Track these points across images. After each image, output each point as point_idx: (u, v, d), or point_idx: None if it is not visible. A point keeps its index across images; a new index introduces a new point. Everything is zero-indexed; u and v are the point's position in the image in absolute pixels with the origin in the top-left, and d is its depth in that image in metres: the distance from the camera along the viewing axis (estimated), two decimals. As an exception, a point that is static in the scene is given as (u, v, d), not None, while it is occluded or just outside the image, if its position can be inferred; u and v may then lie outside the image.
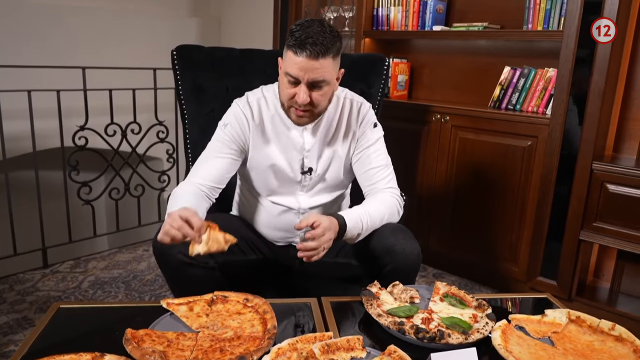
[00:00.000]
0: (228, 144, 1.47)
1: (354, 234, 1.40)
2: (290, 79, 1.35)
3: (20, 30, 2.66)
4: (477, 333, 1.11)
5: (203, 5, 3.61)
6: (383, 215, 1.46)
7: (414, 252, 1.41)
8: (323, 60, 1.32)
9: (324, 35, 1.31)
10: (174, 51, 1.87)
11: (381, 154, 1.54)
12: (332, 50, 1.33)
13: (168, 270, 1.38)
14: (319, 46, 1.30)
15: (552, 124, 2.18)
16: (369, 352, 1.05)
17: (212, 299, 1.22)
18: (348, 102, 1.54)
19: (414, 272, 1.45)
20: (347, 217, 1.38)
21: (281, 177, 1.51)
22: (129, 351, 0.99)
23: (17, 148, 2.61)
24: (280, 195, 1.54)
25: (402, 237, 1.43)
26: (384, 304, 1.24)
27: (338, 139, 1.53)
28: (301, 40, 1.30)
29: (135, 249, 2.87)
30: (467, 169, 2.48)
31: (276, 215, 1.56)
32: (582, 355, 1.08)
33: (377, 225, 1.45)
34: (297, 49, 1.31)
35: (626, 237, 2.05)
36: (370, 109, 1.57)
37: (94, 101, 2.62)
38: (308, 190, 1.55)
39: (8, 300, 2.23)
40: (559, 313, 1.21)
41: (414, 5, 2.67)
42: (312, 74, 1.33)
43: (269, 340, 1.05)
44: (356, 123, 1.53)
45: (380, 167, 1.52)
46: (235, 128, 1.48)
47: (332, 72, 1.36)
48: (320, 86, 1.36)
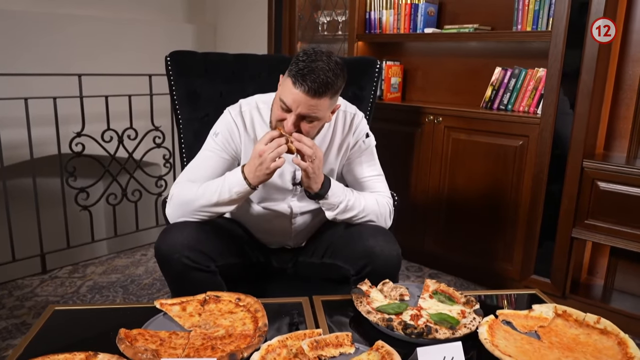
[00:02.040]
0: (219, 153, 1.48)
1: (336, 201, 1.42)
2: (283, 106, 1.33)
3: (17, 38, 2.69)
4: (464, 328, 1.13)
5: (198, 12, 3.65)
6: (370, 205, 1.47)
7: (392, 254, 1.41)
8: (320, 100, 1.29)
9: (327, 74, 1.26)
10: (168, 57, 1.90)
11: (374, 164, 1.55)
12: (332, 90, 1.29)
13: (171, 274, 1.40)
14: (318, 84, 1.26)
15: (542, 124, 2.21)
16: (358, 347, 1.07)
17: (204, 299, 1.24)
18: (342, 113, 1.52)
19: (394, 274, 1.45)
20: (333, 184, 1.41)
21: (273, 187, 1.52)
22: (122, 350, 1.01)
23: (14, 156, 2.64)
24: (273, 201, 1.55)
25: (381, 239, 1.43)
26: (373, 301, 1.26)
27: (332, 151, 1.53)
28: (303, 74, 1.26)
29: (133, 253, 2.89)
30: (460, 170, 2.51)
31: (269, 220, 1.58)
32: (568, 348, 1.10)
33: (361, 211, 1.46)
34: (297, 80, 1.27)
35: (618, 234, 2.08)
36: (363, 119, 1.56)
37: (91, 108, 2.66)
38: (300, 198, 1.55)
39: (7, 306, 2.25)
40: (546, 308, 1.23)
41: (405, 9, 2.70)
42: (305, 109, 1.30)
43: (260, 337, 1.07)
44: (350, 135, 1.52)
45: (371, 178, 1.54)
46: (227, 137, 1.48)
47: (327, 110, 1.34)
48: (311, 120, 1.34)
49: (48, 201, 2.70)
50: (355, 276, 1.44)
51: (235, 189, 1.36)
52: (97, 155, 2.73)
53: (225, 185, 1.37)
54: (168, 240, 1.36)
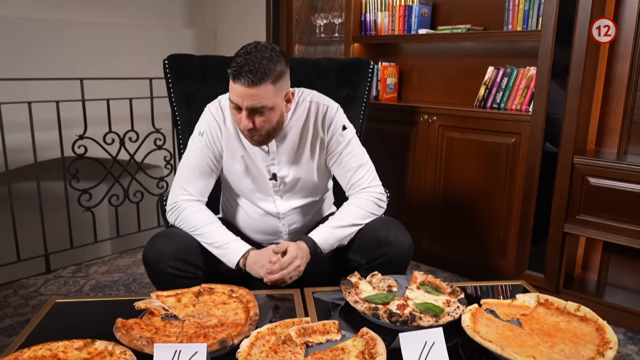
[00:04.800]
0: (206, 152, 1.52)
1: (329, 248, 1.48)
2: (233, 105, 1.37)
3: (21, 44, 2.76)
4: (447, 316, 1.17)
5: (198, 16, 3.71)
6: (358, 218, 1.51)
7: (406, 242, 1.48)
8: (260, 88, 1.31)
9: (261, 62, 1.30)
10: (166, 60, 1.95)
11: (355, 154, 1.56)
12: (271, 76, 1.32)
13: (158, 281, 1.44)
14: (254, 73, 1.29)
15: (533, 121, 2.25)
16: (344, 335, 1.11)
17: (199, 290, 1.29)
18: (314, 106, 1.54)
19: (407, 262, 1.52)
20: (317, 237, 1.46)
21: (255, 181, 1.56)
22: (118, 337, 1.06)
23: (19, 159, 2.70)
24: (259, 199, 1.59)
25: (395, 229, 1.50)
26: (362, 292, 1.30)
27: (306, 144, 1.54)
28: (239, 68, 1.30)
29: (136, 253, 2.95)
30: (455, 168, 2.55)
31: (257, 218, 1.62)
32: (547, 334, 1.14)
33: (355, 229, 1.51)
34: (235, 76, 1.32)
35: (610, 228, 2.11)
36: (337, 111, 1.56)
37: (92, 111, 2.72)
38: (283, 194, 1.59)
39: (12, 304, 2.31)
40: (529, 297, 1.27)
41: (400, 10, 2.75)
42: (250, 101, 1.32)
43: (250, 326, 1.12)
44: (322, 128, 1.54)
45: (354, 169, 1.55)
46: (211, 135, 1.52)
47: (272, 97, 1.35)
48: (261, 112, 1.36)
49: (52, 203, 2.76)
50: (367, 265, 1.48)
51: (225, 259, 1.45)
52: (99, 157, 2.79)
53: (222, 251, 1.44)
54: (154, 249, 1.41)
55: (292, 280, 1.40)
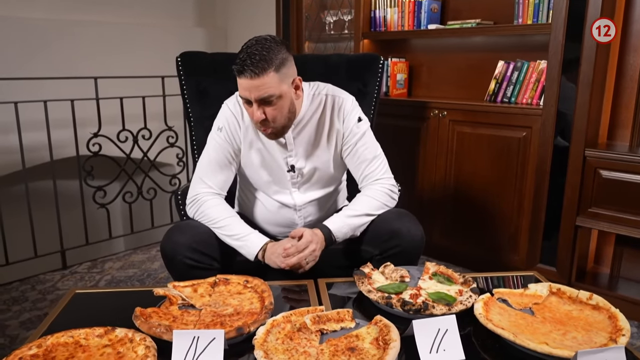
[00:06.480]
0: (226, 147, 1.56)
1: (343, 236, 1.50)
2: (243, 100, 1.42)
3: (36, 44, 2.81)
4: (460, 305, 1.18)
5: (208, 16, 3.75)
6: (372, 208, 1.54)
7: (418, 234, 1.51)
8: (264, 77, 1.35)
9: (261, 52, 1.35)
10: (179, 58, 1.98)
11: (369, 146, 1.58)
12: (272, 65, 1.35)
13: (175, 272, 1.47)
14: (255, 65, 1.34)
15: (544, 115, 2.24)
16: (358, 323, 1.13)
17: (214, 281, 1.31)
18: (330, 98, 1.57)
19: (419, 254, 1.54)
20: (331, 225, 1.49)
21: (272, 174, 1.59)
22: (137, 325, 1.08)
23: (35, 158, 2.76)
24: (276, 192, 1.62)
25: (407, 220, 1.52)
26: (375, 282, 1.32)
27: (323, 136, 1.57)
28: (242, 62, 1.35)
29: (149, 249, 2.99)
30: (466, 162, 2.56)
31: (274, 211, 1.65)
32: (560, 322, 1.15)
33: (368, 220, 1.53)
34: (238, 72, 1.37)
35: (622, 221, 2.10)
36: (353, 103, 1.59)
37: (106, 109, 2.76)
38: (300, 186, 1.62)
39: (30, 299, 2.35)
40: (541, 286, 1.28)
41: (409, 6, 2.76)
42: (257, 92, 1.37)
43: (266, 314, 1.14)
44: (339, 120, 1.57)
45: (368, 160, 1.58)
46: (229, 131, 1.56)
47: (278, 85, 1.38)
48: (270, 101, 1.39)
49: (67, 200, 2.81)
50: (379, 255, 1.51)
51: (244, 252, 1.48)
52: (113, 155, 2.84)
53: (242, 243, 1.48)
54: (171, 241, 1.45)
55: (309, 266, 1.43)
